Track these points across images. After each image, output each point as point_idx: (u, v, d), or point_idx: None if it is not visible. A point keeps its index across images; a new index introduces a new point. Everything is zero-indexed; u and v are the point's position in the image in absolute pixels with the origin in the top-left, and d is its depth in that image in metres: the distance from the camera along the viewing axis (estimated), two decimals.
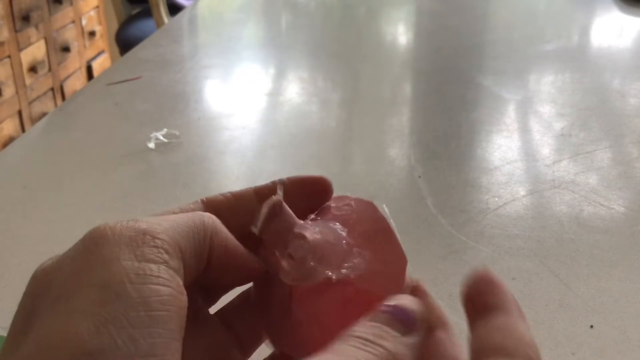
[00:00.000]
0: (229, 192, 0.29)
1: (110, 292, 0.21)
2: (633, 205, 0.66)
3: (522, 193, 0.69)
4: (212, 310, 0.29)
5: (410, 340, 0.23)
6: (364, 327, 0.23)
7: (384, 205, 0.27)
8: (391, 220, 0.27)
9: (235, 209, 0.29)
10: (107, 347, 0.20)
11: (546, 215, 0.65)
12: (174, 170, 0.75)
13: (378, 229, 0.27)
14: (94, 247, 0.22)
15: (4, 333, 0.45)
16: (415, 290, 0.26)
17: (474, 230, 0.63)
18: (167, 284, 0.22)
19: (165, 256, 0.23)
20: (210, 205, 0.28)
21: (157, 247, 0.23)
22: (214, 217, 0.26)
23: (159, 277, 0.22)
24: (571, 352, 0.48)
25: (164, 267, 0.22)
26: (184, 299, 0.22)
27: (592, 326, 0.50)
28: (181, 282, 0.23)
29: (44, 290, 0.22)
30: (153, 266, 0.22)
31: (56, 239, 0.62)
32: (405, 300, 0.24)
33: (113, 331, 0.20)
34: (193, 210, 0.28)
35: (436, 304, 0.26)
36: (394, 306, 0.24)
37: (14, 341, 0.22)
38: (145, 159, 0.77)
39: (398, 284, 0.26)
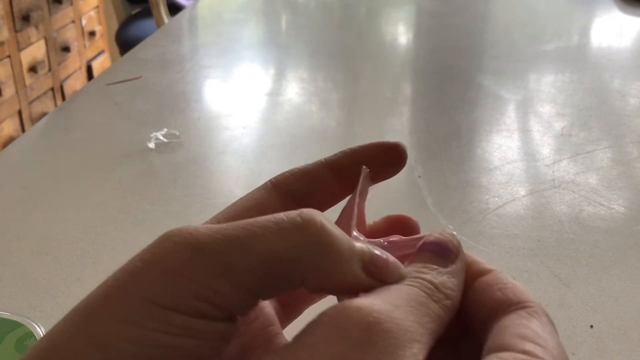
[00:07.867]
0: (297, 168, 0.28)
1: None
2: (633, 205, 0.66)
3: (522, 193, 0.69)
4: None
5: (452, 269, 0.24)
6: (405, 269, 0.23)
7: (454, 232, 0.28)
8: None
9: (308, 185, 0.27)
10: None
11: (546, 215, 0.65)
12: (174, 170, 0.75)
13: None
14: (150, 261, 0.21)
15: None
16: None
17: (474, 230, 0.63)
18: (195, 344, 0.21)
19: (214, 312, 0.21)
20: (281, 187, 0.27)
21: (200, 300, 0.21)
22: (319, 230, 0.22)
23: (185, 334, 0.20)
24: (571, 352, 0.48)
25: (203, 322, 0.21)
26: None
27: (592, 326, 0.50)
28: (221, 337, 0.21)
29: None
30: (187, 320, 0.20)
31: (56, 239, 0.62)
32: (437, 235, 0.25)
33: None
34: (265, 201, 0.26)
35: (476, 258, 0.26)
36: (427, 243, 0.25)
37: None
38: (145, 159, 0.77)
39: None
